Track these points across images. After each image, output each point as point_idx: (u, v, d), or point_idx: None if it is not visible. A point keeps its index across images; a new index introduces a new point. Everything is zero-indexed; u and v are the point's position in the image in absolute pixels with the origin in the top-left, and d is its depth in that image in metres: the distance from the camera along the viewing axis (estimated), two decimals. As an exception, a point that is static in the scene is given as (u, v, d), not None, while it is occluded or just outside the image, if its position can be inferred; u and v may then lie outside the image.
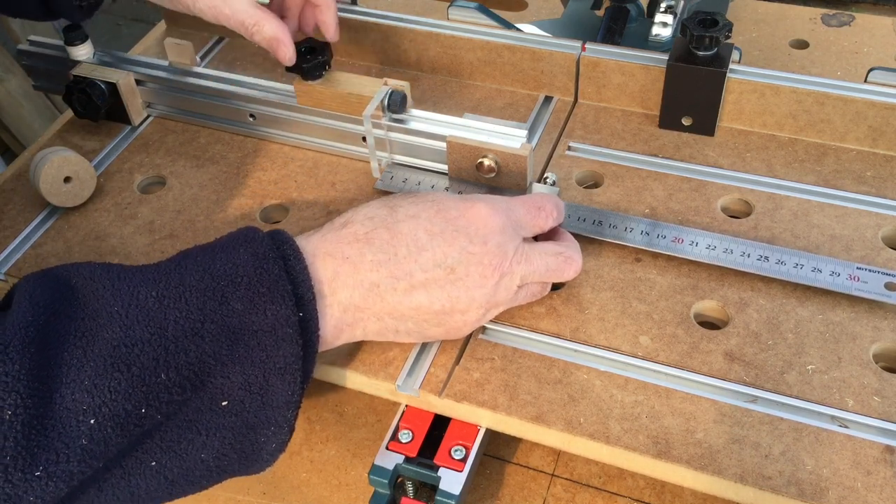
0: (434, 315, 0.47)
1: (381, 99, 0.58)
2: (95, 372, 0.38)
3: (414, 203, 0.49)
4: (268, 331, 0.42)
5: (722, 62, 0.62)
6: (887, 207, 0.59)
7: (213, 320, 0.41)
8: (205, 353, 0.40)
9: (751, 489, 0.44)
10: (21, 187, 0.66)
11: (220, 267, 0.42)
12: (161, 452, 0.41)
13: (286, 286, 0.42)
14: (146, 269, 0.43)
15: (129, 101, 0.69)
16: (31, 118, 1.53)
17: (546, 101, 0.70)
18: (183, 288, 0.41)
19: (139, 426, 0.39)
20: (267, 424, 0.43)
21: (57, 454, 0.37)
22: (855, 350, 0.50)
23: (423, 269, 0.46)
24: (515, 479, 0.54)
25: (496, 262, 0.47)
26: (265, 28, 0.57)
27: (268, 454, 0.44)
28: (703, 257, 0.54)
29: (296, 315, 0.42)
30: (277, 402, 0.42)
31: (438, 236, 0.47)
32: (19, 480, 0.36)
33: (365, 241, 0.46)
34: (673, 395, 0.48)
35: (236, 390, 0.41)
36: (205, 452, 0.42)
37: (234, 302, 0.41)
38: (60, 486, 0.37)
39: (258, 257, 0.43)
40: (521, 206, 0.51)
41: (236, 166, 0.66)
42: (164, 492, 0.42)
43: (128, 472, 0.40)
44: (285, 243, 0.44)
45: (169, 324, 0.40)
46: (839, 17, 0.83)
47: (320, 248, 0.46)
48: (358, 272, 0.46)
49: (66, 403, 0.37)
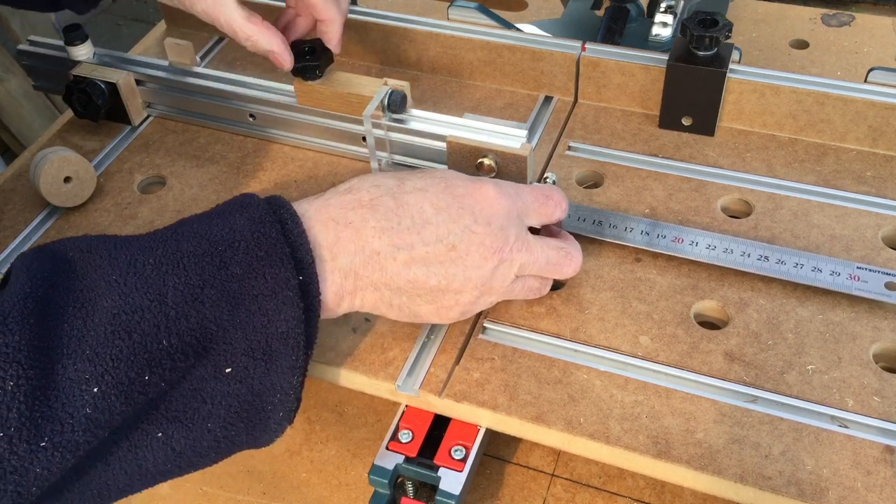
0: (428, 291, 0.47)
1: (381, 99, 0.58)
2: (96, 340, 0.38)
3: (422, 178, 0.48)
4: (268, 295, 0.41)
5: (722, 62, 0.62)
6: (887, 207, 0.59)
7: (213, 285, 0.41)
8: (206, 319, 0.40)
9: (751, 489, 0.44)
10: (21, 187, 0.66)
11: (216, 232, 0.42)
12: (167, 423, 0.41)
13: (284, 249, 0.42)
14: (142, 239, 0.43)
15: (128, 101, 0.69)
16: (31, 118, 1.53)
17: (546, 101, 0.70)
18: (180, 254, 0.41)
19: (143, 394, 0.39)
20: (272, 391, 0.42)
21: (62, 424, 0.36)
22: (855, 350, 0.50)
23: (424, 243, 0.46)
24: (515, 479, 0.54)
25: (497, 245, 0.47)
26: (259, 42, 0.58)
27: (275, 423, 0.44)
28: (703, 257, 0.54)
29: (295, 278, 0.42)
30: (281, 367, 0.42)
31: (444, 211, 0.46)
32: (24, 451, 0.36)
33: (369, 207, 0.46)
34: (673, 395, 0.48)
35: (239, 356, 0.41)
36: (211, 422, 0.42)
37: (233, 266, 0.41)
38: (66, 456, 0.37)
39: (255, 221, 0.43)
40: (529, 193, 0.50)
41: (236, 166, 0.66)
42: (173, 464, 0.42)
43: (134, 445, 0.40)
44: (282, 207, 0.44)
45: (168, 290, 0.40)
46: (839, 17, 0.83)
47: (322, 213, 0.46)
48: (360, 237, 0.45)
49: (68, 373, 0.37)
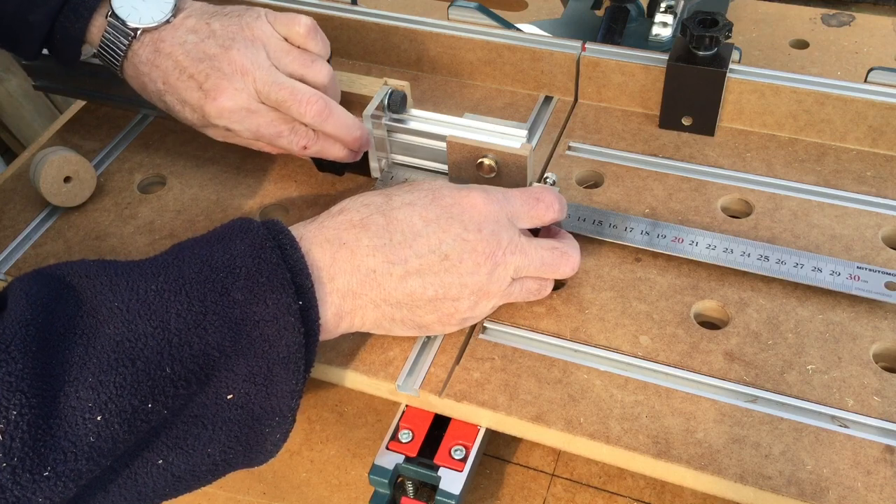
0: (427, 302, 0.47)
1: (381, 99, 0.58)
2: (99, 368, 0.38)
3: (410, 191, 0.49)
4: (269, 320, 0.41)
5: (722, 62, 0.62)
6: (887, 207, 0.59)
7: (215, 312, 0.41)
8: (209, 346, 0.40)
9: (751, 489, 0.44)
10: (21, 187, 0.66)
11: (217, 258, 0.42)
12: (168, 450, 0.41)
13: (285, 274, 0.42)
14: (142, 264, 0.43)
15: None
16: (31, 118, 1.53)
17: (546, 101, 0.70)
18: (182, 280, 0.41)
19: (146, 422, 0.39)
20: (272, 415, 0.43)
21: (65, 453, 0.36)
22: (855, 350, 0.50)
23: (417, 255, 0.46)
24: (515, 479, 0.54)
25: (489, 249, 0.47)
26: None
27: (272, 445, 0.44)
28: (703, 257, 0.54)
29: (296, 303, 0.42)
30: (281, 391, 0.42)
31: (433, 223, 0.47)
32: (27, 481, 0.35)
33: (361, 226, 0.46)
34: (673, 395, 0.48)
35: (241, 382, 0.41)
36: (211, 447, 0.42)
37: (235, 292, 0.41)
38: (69, 485, 0.37)
39: (255, 247, 0.43)
40: (517, 197, 0.51)
41: (236, 166, 0.66)
42: (171, 488, 0.42)
43: (134, 472, 0.40)
44: (281, 233, 0.44)
45: (171, 317, 0.40)
46: (839, 17, 0.83)
47: (318, 236, 0.46)
48: (355, 257, 0.46)
49: (70, 402, 0.37)
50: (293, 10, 0.74)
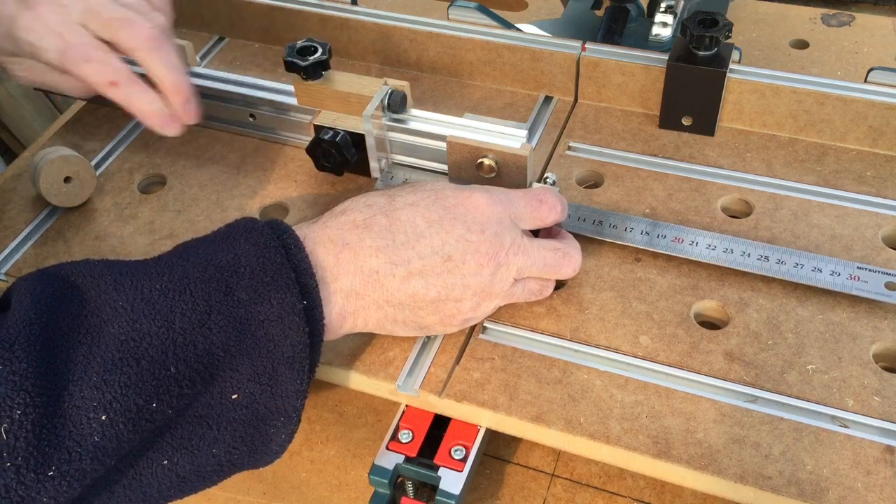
0: (429, 303, 0.47)
1: (381, 99, 0.58)
2: (104, 367, 0.38)
3: (412, 192, 0.49)
4: (274, 320, 0.41)
5: (722, 62, 0.62)
6: (887, 207, 0.59)
7: (220, 311, 0.41)
8: (213, 345, 0.40)
9: (751, 489, 0.44)
10: (21, 187, 0.66)
11: (222, 258, 0.42)
12: (172, 450, 0.41)
13: (289, 274, 0.42)
14: (146, 264, 0.43)
15: None
16: (31, 118, 1.53)
17: (546, 101, 0.70)
18: (187, 280, 0.41)
19: (151, 421, 0.39)
20: (276, 415, 0.43)
21: (69, 453, 0.36)
22: (855, 350, 0.50)
23: (420, 256, 0.46)
24: (515, 479, 0.54)
25: (492, 250, 0.47)
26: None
27: (277, 445, 0.44)
28: (703, 257, 0.54)
29: (300, 303, 0.42)
30: (286, 391, 0.42)
31: (436, 224, 0.47)
32: (32, 481, 0.35)
33: (364, 227, 0.46)
34: (673, 395, 0.48)
35: (245, 382, 0.41)
36: (216, 447, 0.42)
37: (239, 292, 0.41)
38: (74, 485, 0.36)
39: (259, 247, 0.43)
40: (520, 198, 0.51)
41: (236, 166, 0.66)
42: (175, 489, 0.42)
43: (139, 473, 0.40)
44: (285, 232, 0.44)
45: (175, 316, 0.40)
46: (839, 17, 0.83)
47: (321, 236, 0.46)
48: (358, 258, 0.46)
49: (75, 401, 0.37)
50: (293, 10, 0.74)
